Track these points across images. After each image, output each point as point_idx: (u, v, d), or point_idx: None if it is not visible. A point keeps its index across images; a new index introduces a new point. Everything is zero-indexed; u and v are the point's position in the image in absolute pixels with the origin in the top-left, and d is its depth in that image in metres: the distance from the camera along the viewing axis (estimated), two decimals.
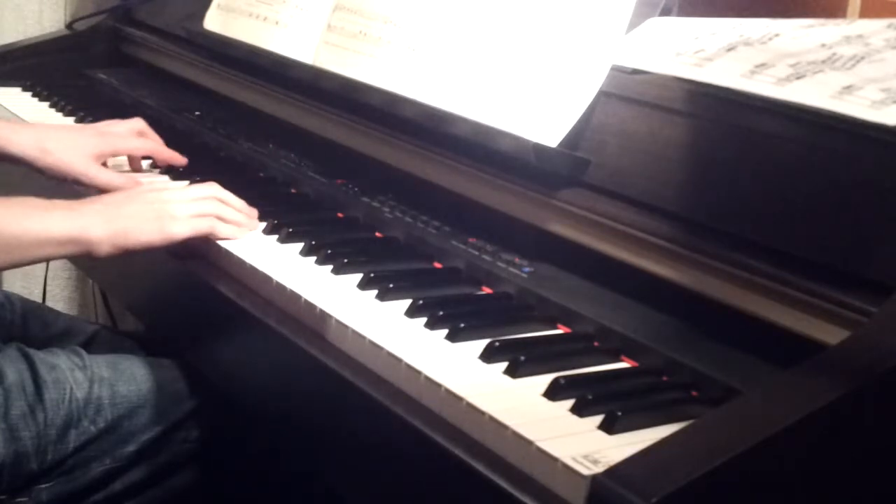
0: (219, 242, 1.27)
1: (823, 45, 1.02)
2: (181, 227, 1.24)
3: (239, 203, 1.32)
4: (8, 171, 1.55)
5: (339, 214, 1.42)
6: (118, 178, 1.48)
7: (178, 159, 1.56)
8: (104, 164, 1.51)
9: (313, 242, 1.27)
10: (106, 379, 1.30)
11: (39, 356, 1.30)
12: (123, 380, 1.31)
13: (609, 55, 1.20)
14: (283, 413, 1.17)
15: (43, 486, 1.25)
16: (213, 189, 1.31)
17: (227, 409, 1.32)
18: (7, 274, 2.49)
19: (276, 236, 1.31)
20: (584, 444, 0.85)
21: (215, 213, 1.28)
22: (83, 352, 1.34)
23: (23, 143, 1.48)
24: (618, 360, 1.04)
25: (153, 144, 1.56)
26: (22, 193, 1.24)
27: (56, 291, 2.50)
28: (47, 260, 1.20)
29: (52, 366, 1.28)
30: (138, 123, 1.57)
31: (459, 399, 0.93)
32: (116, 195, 1.30)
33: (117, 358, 1.36)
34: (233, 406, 1.29)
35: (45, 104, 1.93)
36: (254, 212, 1.33)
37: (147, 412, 1.31)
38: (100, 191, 1.43)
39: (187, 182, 1.50)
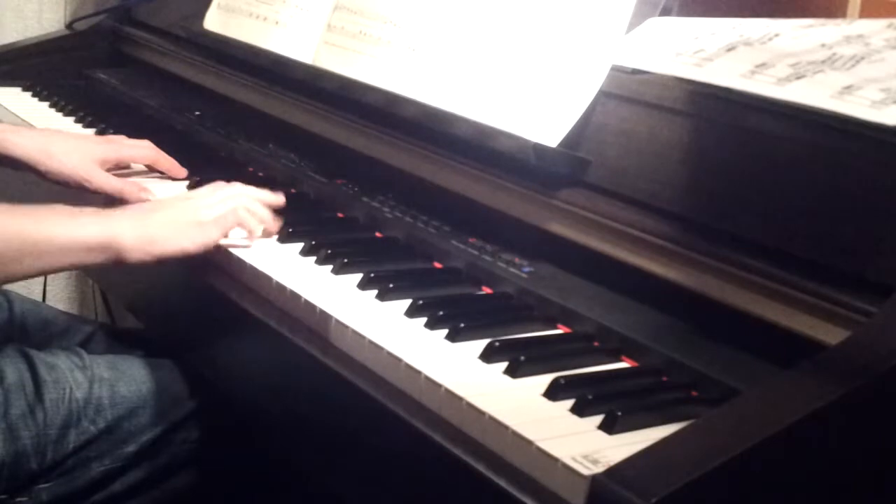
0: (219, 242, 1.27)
1: (823, 45, 1.02)
2: (210, 231, 1.23)
3: (269, 198, 1.32)
4: (7, 180, 1.54)
5: (339, 214, 1.42)
6: (125, 183, 1.46)
7: (178, 170, 1.53)
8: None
9: (313, 242, 1.27)
10: (106, 379, 1.30)
11: (39, 356, 1.30)
12: (123, 380, 1.31)
13: (609, 55, 1.20)
14: (282, 413, 1.17)
15: (43, 486, 1.25)
16: (238, 188, 1.31)
17: (227, 410, 1.32)
18: None
19: (276, 236, 1.31)
20: (584, 444, 0.85)
21: (242, 206, 1.27)
22: (83, 352, 1.34)
23: (26, 146, 1.46)
24: (618, 360, 1.03)
25: (156, 154, 1.53)
26: (22, 202, 1.22)
27: (56, 291, 2.50)
28: (76, 268, 1.16)
29: (51, 366, 1.28)
30: (146, 143, 1.55)
31: (459, 399, 0.92)
32: (144, 205, 1.28)
33: (117, 358, 1.36)
34: (232, 407, 1.29)
35: (45, 104, 1.93)
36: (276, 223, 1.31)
37: (147, 413, 1.31)
38: (106, 197, 1.42)
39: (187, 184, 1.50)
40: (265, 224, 1.29)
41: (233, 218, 1.26)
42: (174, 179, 1.53)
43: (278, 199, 1.33)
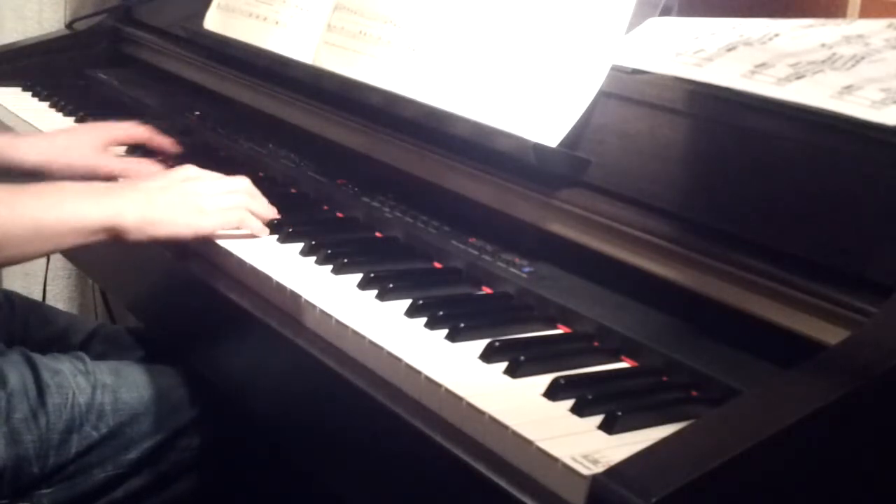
0: (218, 242, 1.27)
1: (823, 45, 1.02)
2: (210, 220, 1.26)
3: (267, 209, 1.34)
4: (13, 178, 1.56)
5: (339, 214, 1.42)
6: (133, 162, 1.52)
7: (170, 146, 1.60)
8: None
9: (313, 242, 1.27)
10: (109, 385, 1.30)
11: (42, 360, 1.29)
12: (126, 386, 1.31)
13: (609, 55, 1.20)
14: (282, 414, 1.17)
15: (44, 491, 1.24)
16: (244, 183, 1.32)
17: (228, 417, 1.32)
18: (7, 273, 2.49)
19: (276, 236, 1.31)
20: (584, 444, 0.85)
21: (245, 206, 1.29)
22: (86, 357, 1.34)
23: (29, 154, 1.53)
24: (618, 360, 1.03)
25: (148, 131, 1.60)
26: None
27: (56, 291, 2.50)
28: (78, 248, 1.23)
29: (55, 371, 1.28)
30: (131, 123, 1.63)
31: (459, 399, 0.93)
32: (151, 182, 1.31)
33: (120, 364, 1.36)
34: (234, 412, 1.29)
35: (45, 104, 1.93)
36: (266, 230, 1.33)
37: (149, 419, 1.31)
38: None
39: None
40: (258, 230, 1.30)
41: (235, 216, 1.28)
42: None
43: (273, 211, 1.33)
